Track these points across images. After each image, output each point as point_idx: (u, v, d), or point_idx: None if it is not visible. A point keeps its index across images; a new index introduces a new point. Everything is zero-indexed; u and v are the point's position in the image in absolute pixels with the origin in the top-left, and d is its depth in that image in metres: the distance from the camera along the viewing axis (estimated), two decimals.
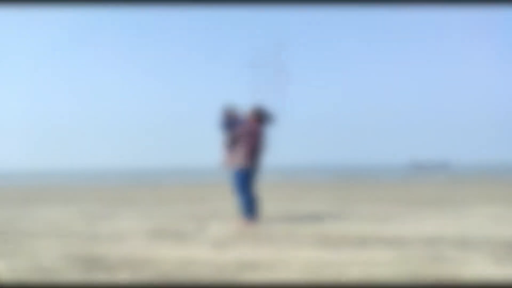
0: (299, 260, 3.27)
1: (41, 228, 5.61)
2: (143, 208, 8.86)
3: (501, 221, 5.62)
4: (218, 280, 2.78)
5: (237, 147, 5.52)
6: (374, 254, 3.46)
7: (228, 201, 10.25)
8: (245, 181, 5.54)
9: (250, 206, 5.53)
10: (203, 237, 4.54)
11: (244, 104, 5.81)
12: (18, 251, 3.96)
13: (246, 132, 5.50)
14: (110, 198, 13.86)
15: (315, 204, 8.96)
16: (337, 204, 9.00)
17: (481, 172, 36.96)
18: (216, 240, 4.35)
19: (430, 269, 2.94)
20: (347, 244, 3.93)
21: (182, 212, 7.65)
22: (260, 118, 5.66)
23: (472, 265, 3.07)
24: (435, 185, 18.67)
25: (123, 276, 2.93)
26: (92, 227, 5.60)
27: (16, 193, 16.89)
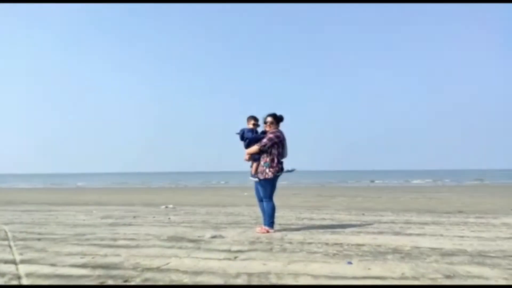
0: (309, 272, 3.27)
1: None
2: (161, 211, 9.04)
3: None
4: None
5: (265, 156, 5.57)
6: (388, 268, 3.41)
7: (243, 207, 10.30)
8: (272, 190, 5.60)
9: (273, 214, 5.58)
10: (221, 244, 4.60)
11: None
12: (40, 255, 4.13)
13: (273, 141, 5.54)
14: (132, 200, 14.17)
15: (335, 212, 8.88)
16: (356, 212, 8.89)
17: None
18: (236, 247, 4.40)
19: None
20: (360, 256, 3.89)
21: (200, 217, 7.75)
22: (279, 121, 5.71)
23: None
24: (459, 193, 18.14)
25: (136, 282, 3.02)
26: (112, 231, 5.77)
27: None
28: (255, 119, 5.82)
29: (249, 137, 5.69)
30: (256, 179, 5.67)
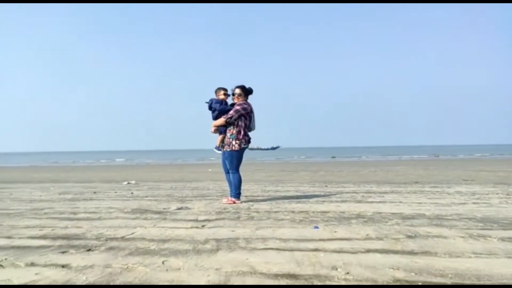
0: (278, 236, 3.30)
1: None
2: (123, 187, 8.81)
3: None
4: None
5: (232, 128, 5.48)
6: (352, 230, 3.51)
7: (208, 181, 10.25)
8: (239, 162, 5.54)
9: (239, 185, 5.56)
10: (187, 215, 4.54)
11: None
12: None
13: (239, 113, 5.44)
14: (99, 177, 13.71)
15: (299, 184, 9.03)
16: (319, 184, 9.09)
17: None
18: (203, 217, 4.36)
19: (403, 244, 3.00)
20: (326, 222, 3.97)
21: (164, 191, 7.63)
22: (247, 93, 5.61)
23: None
24: (415, 166, 18.98)
25: (101, 250, 2.92)
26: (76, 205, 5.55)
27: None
28: (224, 89, 5.68)
29: (217, 109, 5.55)
30: (220, 151, 5.60)
